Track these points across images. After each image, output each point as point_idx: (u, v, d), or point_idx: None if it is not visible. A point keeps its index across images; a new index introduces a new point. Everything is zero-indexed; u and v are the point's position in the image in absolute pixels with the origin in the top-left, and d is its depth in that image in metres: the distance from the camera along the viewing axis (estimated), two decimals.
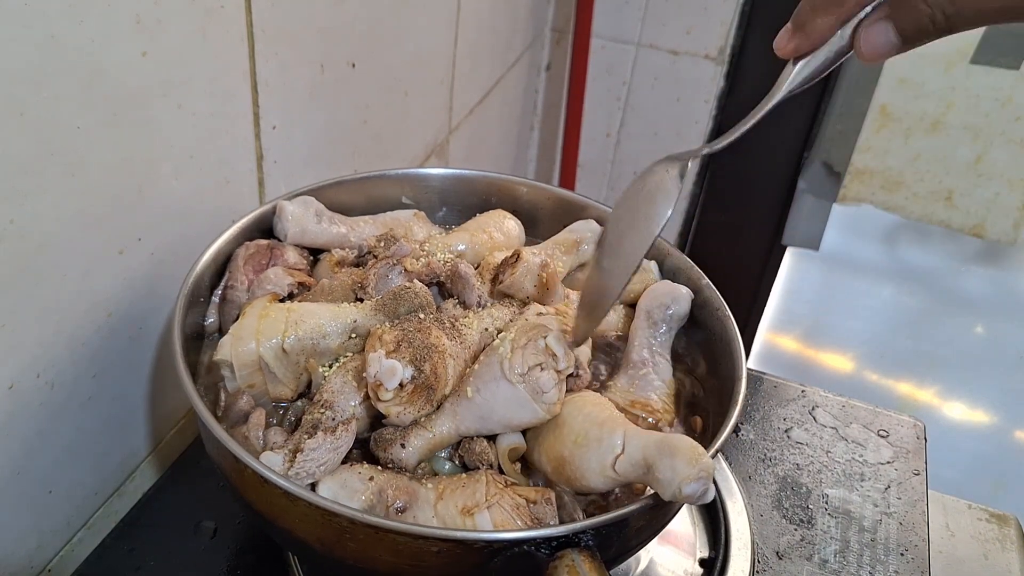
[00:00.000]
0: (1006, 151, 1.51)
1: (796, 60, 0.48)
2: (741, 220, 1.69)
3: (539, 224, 0.79)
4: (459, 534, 0.48)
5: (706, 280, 0.68)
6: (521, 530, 0.50)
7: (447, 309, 0.62)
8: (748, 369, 0.68)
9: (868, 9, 0.44)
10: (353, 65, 0.88)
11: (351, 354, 0.59)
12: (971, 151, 1.54)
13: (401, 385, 0.53)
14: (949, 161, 1.56)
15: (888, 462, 0.82)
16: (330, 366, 0.58)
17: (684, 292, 0.68)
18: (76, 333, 0.60)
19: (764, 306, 1.77)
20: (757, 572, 0.70)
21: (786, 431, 0.85)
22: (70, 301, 0.58)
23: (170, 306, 0.69)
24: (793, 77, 0.48)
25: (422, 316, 0.58)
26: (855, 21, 0.45)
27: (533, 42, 1.56)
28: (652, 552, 0.70)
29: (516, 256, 0.66)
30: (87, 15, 0.52)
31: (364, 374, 0.54)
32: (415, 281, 0.61)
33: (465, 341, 0.58)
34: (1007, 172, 1.53)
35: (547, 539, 0.46)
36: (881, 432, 0.85)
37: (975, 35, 1.40)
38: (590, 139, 1.69)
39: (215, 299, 0.65)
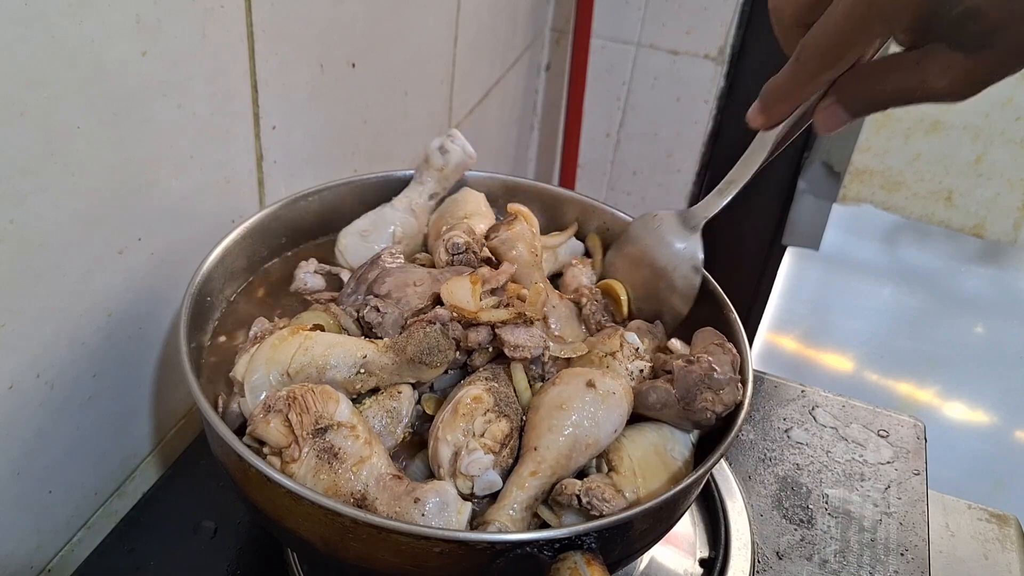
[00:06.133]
0: (1006, 151, 1.51)
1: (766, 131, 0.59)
2: (741, 220, 1.69)
3: (538, 224, 0.79)
4: (462, 535, 0.48)
5: (713, 283, 0.68)
6: (523, 532, 0.50)
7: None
8: None
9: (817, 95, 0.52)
10: (353, 65, 0.87)
11: (381, 390, 0.57)
12: (971, 151, 1.53)
13: None
14: (949, 161, 1.56)
15: (888, 462, 0.82)
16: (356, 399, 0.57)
17: None
18: (76, 333, 0.60)
19: (764, 306, 1.77)
20: (757, 572, 0.70)
21: (786, 431, 0.85)
22: (70, 301, 0.58)
23: (170, 306, 0.70)
24: (768, 140, 0.60)
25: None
26: (811, 101, 0.53)
27: (533, 42, 1.56)
28: (652, 552, 0.70)
29: (515, 217, 0.67)
30: (87, 15, 0.52)
31: (451, 440, 0.52)
32: (434, 327, 0.58)
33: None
34: (1007, 172, 1.53)
35: (550, 541, 0.46)
36: (881, 432, 0.85)
37: None
38: (590, 139, 1.69)
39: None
